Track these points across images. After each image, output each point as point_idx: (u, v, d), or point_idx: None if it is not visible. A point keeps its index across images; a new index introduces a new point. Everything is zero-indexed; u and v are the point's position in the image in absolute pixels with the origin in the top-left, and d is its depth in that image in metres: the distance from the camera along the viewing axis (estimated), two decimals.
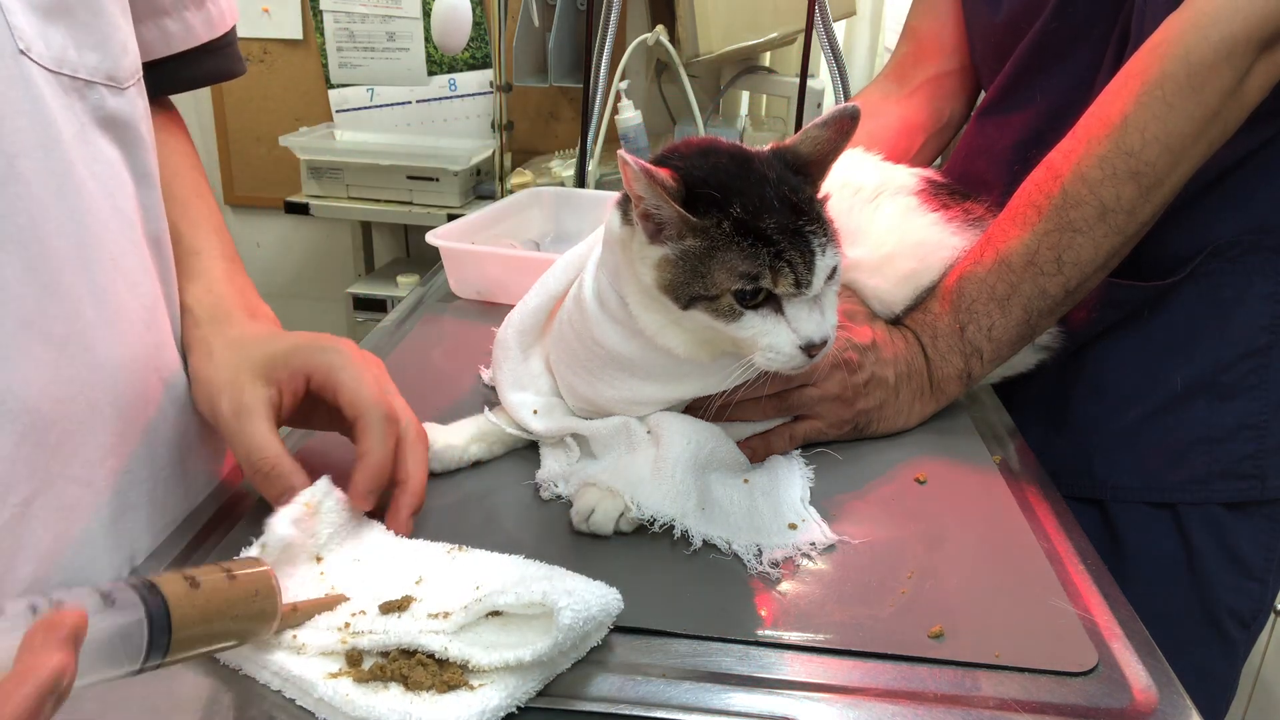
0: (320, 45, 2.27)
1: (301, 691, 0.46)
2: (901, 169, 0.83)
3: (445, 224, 1.07)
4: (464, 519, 0.62)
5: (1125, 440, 0.86)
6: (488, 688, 0.45)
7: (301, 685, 0.46)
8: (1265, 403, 0.83)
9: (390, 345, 0.91)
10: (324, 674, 0.46)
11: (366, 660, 0.47)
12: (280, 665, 0.47)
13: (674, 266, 0.58)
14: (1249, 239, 0.81)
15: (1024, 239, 0.74)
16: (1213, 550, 0.84)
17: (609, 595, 0.49)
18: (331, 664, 0.47)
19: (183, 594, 0.41)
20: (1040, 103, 0.90)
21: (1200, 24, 0.69)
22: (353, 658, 0.47)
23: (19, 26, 0.49)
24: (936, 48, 1.07)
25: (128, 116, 0.58)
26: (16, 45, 0.49)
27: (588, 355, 0.66)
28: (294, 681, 0.46)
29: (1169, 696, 0.48)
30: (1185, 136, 0.70)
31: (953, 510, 0.65)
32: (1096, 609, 0.54)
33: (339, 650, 0.47)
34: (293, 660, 0.47)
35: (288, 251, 2.59)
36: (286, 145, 2.13)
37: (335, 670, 0.46)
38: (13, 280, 0.48)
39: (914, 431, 0.76)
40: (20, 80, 0.49)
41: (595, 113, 1.59)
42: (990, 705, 0.47)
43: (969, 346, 0.75)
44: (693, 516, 0.59)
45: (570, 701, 0.46)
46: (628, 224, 0.61)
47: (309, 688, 0.45)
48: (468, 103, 2.29)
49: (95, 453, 0.55)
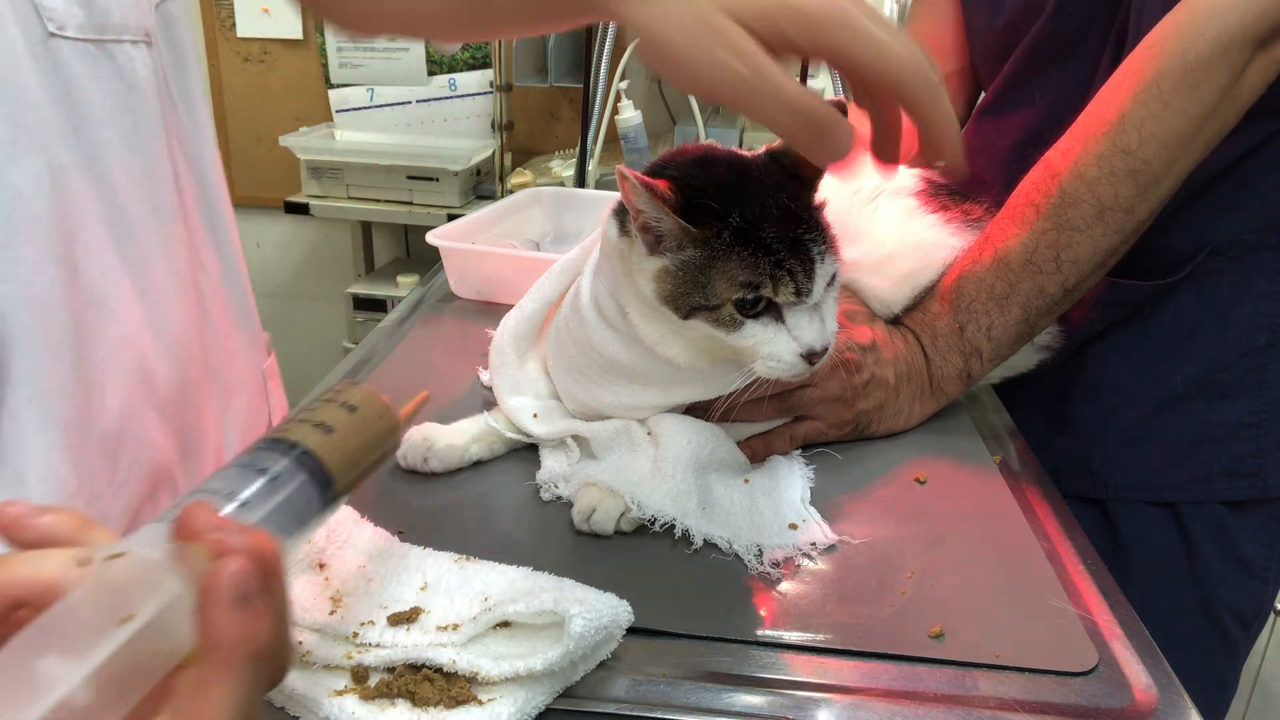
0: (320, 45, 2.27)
1: (306, 709, 0.45)
2: (901, 169, 0.83)
3: (445, 224, 1.07)
4: (464, 519, 0.62)
5: (1125, 439, 0.86)
6: (496, 702, 0.44)
7: (305, 703, 0.45)
8: (1265, 401, 0.83)
9: (390, 345, 0.91)
10: (329, 691, 0.45)
11: (372, 676, 0.46)
12: (284, 682, 0.46)
13: (674, 277, 0.58)
14: (1249, 238, 0.81)
15: (1022, 238, 0.74)
16: (1213, 549, 0.84)
17: (619, 606, 0.48)
18: (336, 680, 0.46)
19: (324, 444, 0.39)
20: (1039, 103, 0.90)
21: (1196, 21, 0.69)
22: (358, 674, 0.46)
23: (48, 6, 0.49)
24: (936, 49, 1.06)
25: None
26: (47, 29, 0.49)
27: (585, 362, 0.66)
28: (298, 699, 0.45)
29: (1169, 696, 0.48)
30: (1182, 134, 0.70)
31: (953, 510, 0.65)
32: (1096, 609, 0.54)
33: (345, 665, 0.46)
34: (297, 676, 0.46)
35: (288, 251, 2.60)
36: (286, 145, 2.13)
37: (340, 687, 0.46)
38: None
39: (914, 431, 0.76)
40: (50, 64, 0.49)
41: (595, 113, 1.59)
42: (990, 705, 0.47)
43: (968, 346, 0.75)
44: (694, 516, 0.59)
45: (570, 701, 0.46)
46: (625, 235, 0.61)
47: (314, 706, 0.45)
48: (468, 103, 2.29)
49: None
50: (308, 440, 0.38)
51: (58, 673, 0.26)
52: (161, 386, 0.58)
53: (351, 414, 0.41)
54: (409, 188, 2.12)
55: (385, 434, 0.43)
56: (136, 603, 0.28)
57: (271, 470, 0.36)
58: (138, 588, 0.29)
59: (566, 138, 2.39)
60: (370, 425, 0.42)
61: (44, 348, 0.50)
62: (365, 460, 0.41)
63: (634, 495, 0.59)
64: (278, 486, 0.36)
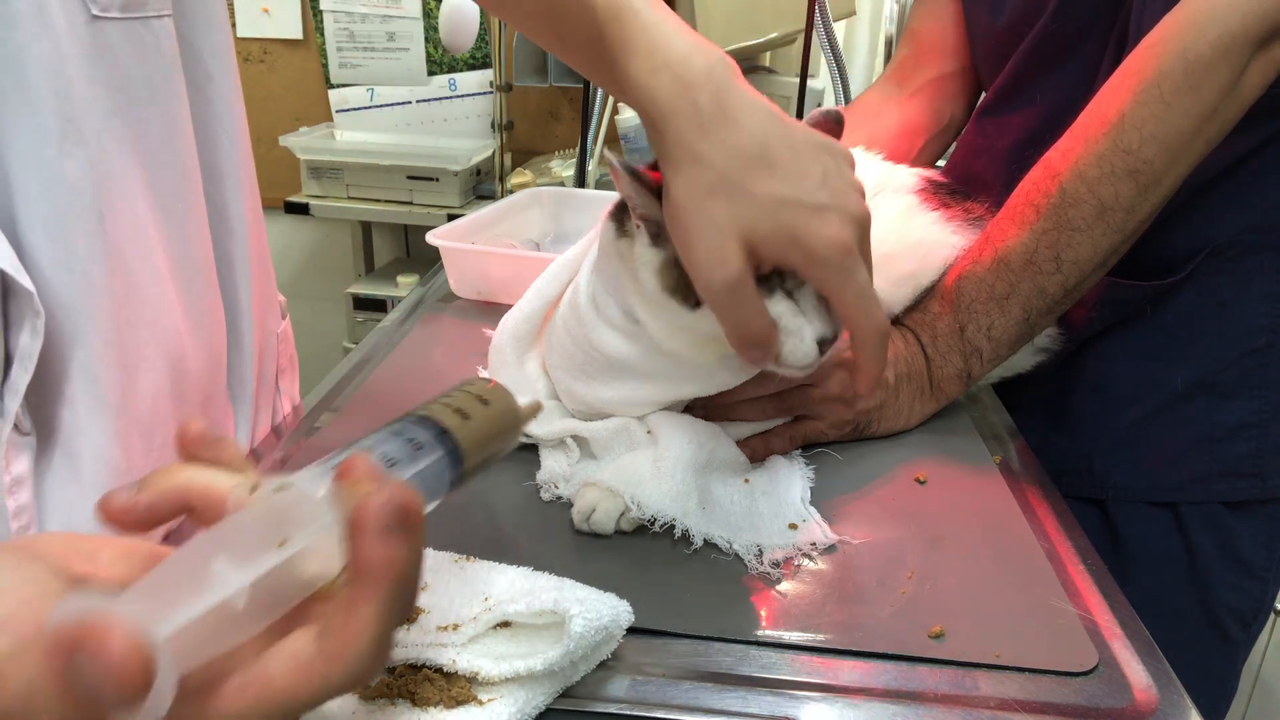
0: (320, 45, 2.27)
1: None
2: (902, 168, 0.83)
3: (445, 224, 1.07)
4: (464, 519, 0.62)
5: (1125, 439, 0.86)
6: (497, 703, 0.44)
7: None
8: (1265, 402, 0.83)
9: (390, 345, 0.91)
10: None
11: None
12: None
13: (676, 265, 0.58)
14: (1249, 239, 0.81)
15: (1022, 238, 0.74)
16: (1213, 549, 0.85)
17: (619, 606, 0.48)
18: None
19: (460, 428, 0.42)
20: (1040, 103, 0.90)
21: (1197, 22, 0.69)
22: None
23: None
24: (937, 50, 1.07)
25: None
26: (90, 11, 0.49)
27: (585, 359, 0.66)
28: None
29: (1169, 696, 0.48)
30: (1183, 134, 0.70)
31: (953, 510, 0.65)
32: (1096, 609, 0.54)
33: None
34: None
35: (288, 251, 2.60)
36: (286, 145, 2.13)
37: None
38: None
39: (914, 431, 0.76)
40: (94, 49, 0.50)
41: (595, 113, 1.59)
42: (990, 705, 0.47)
43: (968, 346, 0.75)
44: (693, 516, 0.59)
45: (570, 701, 0.46)
46: (624, 236, 0.61)
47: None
48: (468, 103, 2.29)
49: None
50: (447, 421, 0.41)
51: (225, 576, 0.30)
52: (191, 365, 0.60)
53: (485, 406, 0.44)
54: (409, 188, 2.12)
55: (509, 430, 0.46)
56: (294, 530, 0.32)
57: (416, 440, 0.39)
58: (298, 518, 0.32)
59: (566, 138, 2.39)
60: (498, 420, 0.44)
61: (95, 334, 0.52)
62: (489, 451, 0.44)
63: (634, 495, 0.59)
64: (420, 456, 0.39)
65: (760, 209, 0.51)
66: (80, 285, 0.50)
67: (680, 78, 0.52)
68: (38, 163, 0.48)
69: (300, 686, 0.30)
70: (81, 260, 0.50)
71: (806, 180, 0.52)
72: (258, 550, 0.31)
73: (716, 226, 0.51)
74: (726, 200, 0.51)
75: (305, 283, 2.61)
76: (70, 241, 0.50)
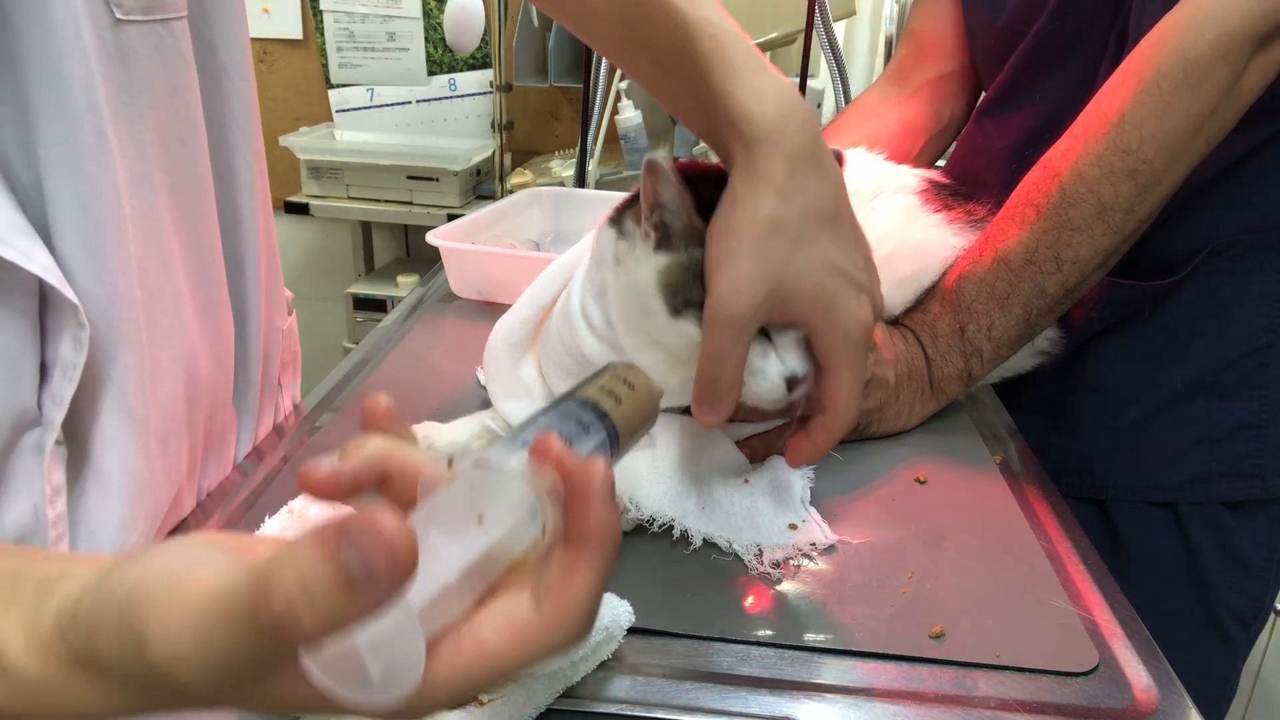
0: (320, 45, 2.27)
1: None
2: (903, 169, 0.83)
3: (445, 224, 1.07)
4: None
5: (1125, 440, 0.86)
6: (496, 702, 0.44)
7: None
8: (1265, 402, 0.83)
9: (390, 345, 0.91)
10: None
11: None
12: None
13: (682, 270, 0.58)
14: (1249, 238, 0.81)
15: (1022, 238, 0.74)
16: (1213, 549, 0.85)
17: (620, 606, 0.48)
18: None
19: (615, 411, 0.42)
20: (1039, 103, 0.90)
21: (1197, 21, 0.69)
22: None
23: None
24: (937, 50, 1.07)
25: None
26: (114, 15, 0.49)
27: (576, 368, 0.66)
28: None
29: (1169, 696, 0.48)
30: (1182, 134, 0.70)
31: (953, 510, 0.65)
32: (1097, 609, 0.54)
33: None
34: None
35: (288, 251, 2.59)
36: (286, 145, 2.13)
37: None
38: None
39: (914, 431, 0.76)
40: (120, 55, 0.49)
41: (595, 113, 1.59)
42: (991, 705, 0.47)
43: (969, 346, 0.75)
44: (692, 516, 0.59)
45: (570, 701, 0.46)
46: (623, 239, 0.60)
47: None
48: (468, 103, 2.29)
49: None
50: (605, 404, 0.42)
51: (448, 552, 0.30)
52: (203, 368, 0.59)
53: (632, 391, 0.44)
54: (409, 188, 2.12)
55: (651, 415, 0.46)
56: (491, 505, 0.32)
57: (584, 421, 0.41)
58: (497, 493, 0.33)
59: (566, 138, 2.39)
60: (643, 405, 0.44)
61: (126, 346, 0.51)
62: (635, 434, 0.44)
63: (632, 495, 0.59)
64: (588, 437, 0.40)
65: (810, 265, 0.52)
66: (111, 296, 0.50)
67: (784, 112, 0.52)
68: (73, 174, 0.47)
69: (516, 649, 0.31)
70: (111, 271, 0.50)
71: (858, 257, 0.54)
72: (462, 526, 0.31)
73: (763, 260, 0.51)
74: (787, 242, 0.51)
75: (305, 283, 2.61)
76: (102, 253, 0.49)
